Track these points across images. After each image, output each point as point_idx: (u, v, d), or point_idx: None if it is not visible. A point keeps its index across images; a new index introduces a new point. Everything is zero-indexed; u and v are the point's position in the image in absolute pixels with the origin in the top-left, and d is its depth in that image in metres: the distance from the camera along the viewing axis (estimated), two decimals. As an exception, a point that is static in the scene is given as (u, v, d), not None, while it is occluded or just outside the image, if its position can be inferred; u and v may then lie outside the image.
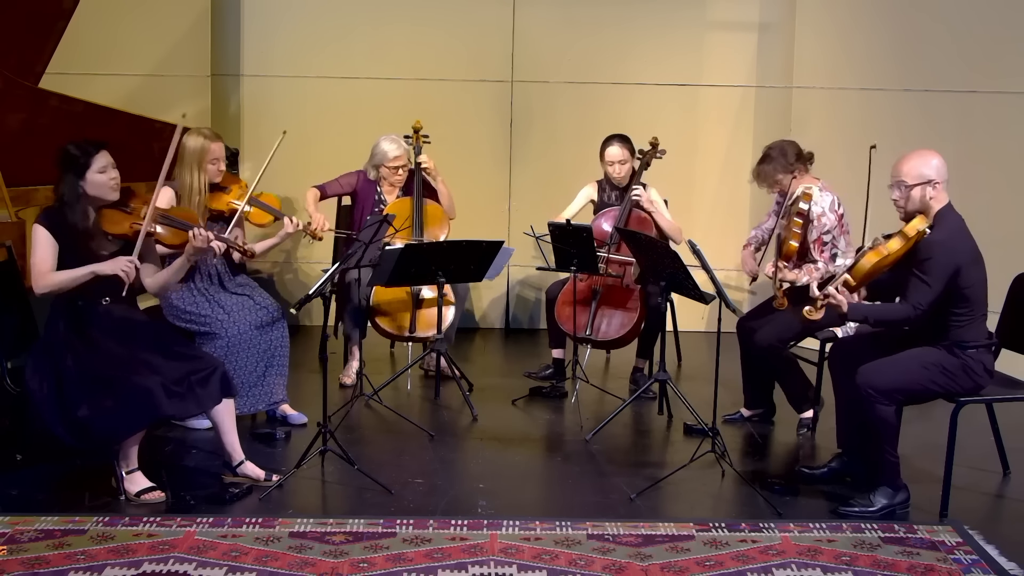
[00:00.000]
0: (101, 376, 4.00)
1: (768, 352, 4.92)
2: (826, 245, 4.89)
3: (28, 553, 3.62)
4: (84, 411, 3.94)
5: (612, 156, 5.64)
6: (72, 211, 4.06)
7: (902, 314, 4.03)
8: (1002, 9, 5.97)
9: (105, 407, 3.94)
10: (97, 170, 4.07)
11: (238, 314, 4.82)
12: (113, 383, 3.97)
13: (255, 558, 3.62)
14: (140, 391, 3.94)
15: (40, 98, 5.14)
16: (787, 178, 4.97)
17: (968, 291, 4.01)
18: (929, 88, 6.19)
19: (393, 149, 5.66)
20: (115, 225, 4.15)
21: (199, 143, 4.81)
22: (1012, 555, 3.72)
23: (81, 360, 4.02)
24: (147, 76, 6.50)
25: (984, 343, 4.10)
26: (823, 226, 4.87)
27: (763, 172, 5.02)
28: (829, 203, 4.89)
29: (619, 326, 5.42)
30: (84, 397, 3.96)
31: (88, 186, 4.07)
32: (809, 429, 5.01)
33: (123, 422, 3.97)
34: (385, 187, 5.74)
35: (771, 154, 5.01)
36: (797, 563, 3.65)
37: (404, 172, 5.71)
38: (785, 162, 4.96)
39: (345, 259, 4.77)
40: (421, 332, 5.53)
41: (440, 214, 5.71)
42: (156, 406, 3.96)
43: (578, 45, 6.88)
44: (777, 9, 6.81)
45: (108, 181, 4.10)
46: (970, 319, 4.05)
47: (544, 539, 3.79)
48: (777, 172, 4.98)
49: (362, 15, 6.84)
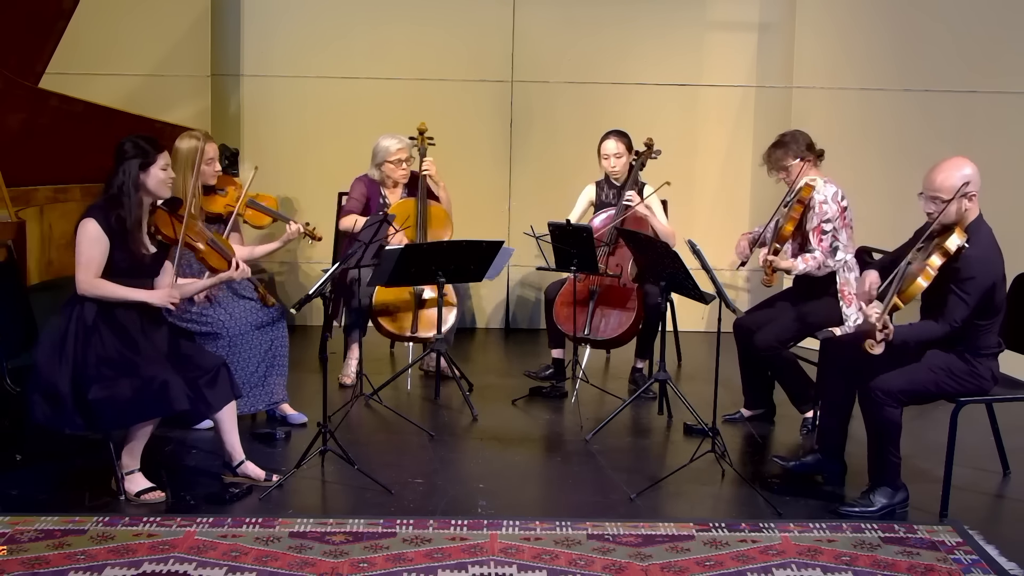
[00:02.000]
0: (122, 361, 4.01)
1: (768, 353, 4.92)
2: (826, 235, 4.87)
3: (28, 553, 3.62)
4: (95, 393, 3.94)
5: (607, 150, 5.66)
6: (130, 201, 4.07)
7: (941, 332, 3.98)
8: (1002, 9, 5.97)
9: (120, 392, 3.95)
10: (161, 167, 4.12)
11: (240, 315, 4.82)
12: (134, 369, 3.99)
13: (255, 558, 3.62)
14: (157, 382, 3.96)
15: (40, 98, 5.13)
16: (795, 165, 4.95)
17: (996, 303, 4.01)
18: (929, 88, 6.20)
19: (394, 143, 5.66)
20: (165, 226, 4.19)
21: (192, 145, 4.79)
22: (1012, 555, 3.72)
23: (105, 344, 4.03)
24: (147, 76, 6.51)
25: (995, 350, 4.11)
26: (824, 214, 4.85)
27: (773, 156, 5.01)
28: (832, 193, 4.88)
29: (616, 325, 5.42)
30: (98, 379, 3.96)
31: (150, 180, 4.10)
32: (811, 428, 5.00)
33: (134, 409, 3.98)
34: (388, 188, 5.73)
35: (784, 139, 5.01)
36: (797, 563, 3.65)
37: (407, 166, 5.70)
38: (796, 148, 4.95)
39: (345, 259, 4.77)
40: (423, 332, 5.53)
41: (444, 216, 5.70)
42: (171, 400, 3.97)
43: (578, 45, 6.89)
44: (777, 9, 6.81)
45: (167, 179, 4.15)
46: (987, 328, 4.05)
47: (544, 539, 3.79)
48: (787, 157, 4.96)
49: (362, 15, 6.85)
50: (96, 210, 4.08)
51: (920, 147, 6.26)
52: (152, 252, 4.18)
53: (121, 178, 4.07)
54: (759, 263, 4.90)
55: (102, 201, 4.11)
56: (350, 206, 5.69)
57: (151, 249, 4.18)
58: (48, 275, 4.78)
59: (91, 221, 4.05)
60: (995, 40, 5.98)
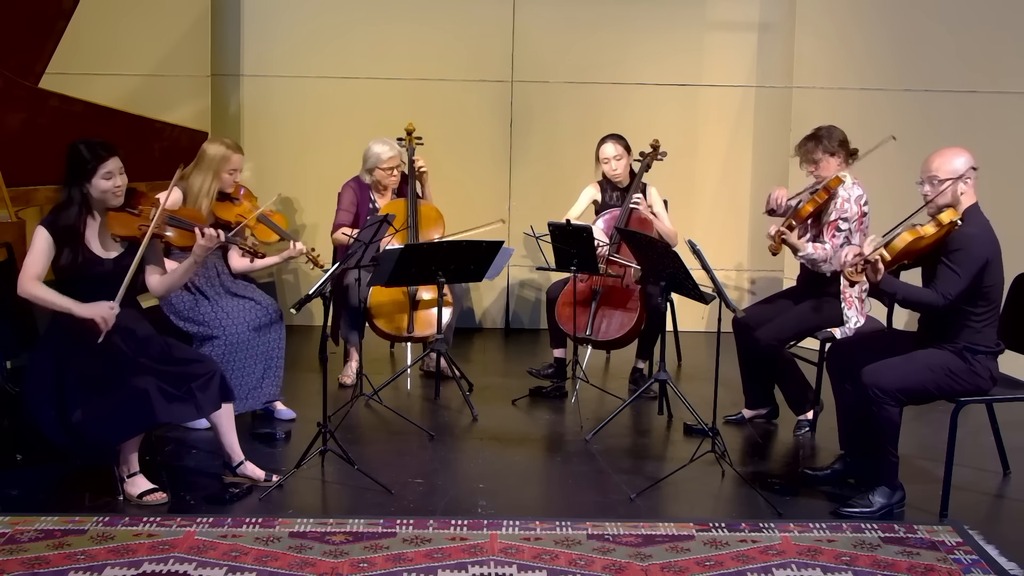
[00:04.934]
0: (99, 377, 3.96)
1: (767, 352, 4.91)
2: (840, 232, 4.86)
3: (28, 553, 3.62)
4: (79, 416, 3.90)
5: (606, 153, 5.66)
6: (68, 213, 4.02)
7: (930, 299, 4.03)
8: (1001, 9, 5.97)
9: (100, 411, 3.89)
10: (102, 176, 4.00)
11: (238, 316, 4.82)
12: (110, 384, 3.93)
13: (255, 558, 3.62)
14: (137, 394, 3.88)
15: (40, 98, 5.13)
16: (825, 161, 4.94)
17: (988, 290, 4.03)
18: (929, 88, 6.20)
19: (386, 151, 5.67)
20: (122, 227, 4.10)
21: (220, 151, 4.83)
22: (1012, 555, 3.72)
23: (83, 363, 3.98)
24: (147, 76, 6.51)
25: (994, 350, 4.11)
26: (843, 211, 4.84)
27: (806, 148, 4.98)
28: (856, 196, 4.87)
29: (619, 326, 5.42)
30: (80, 401, 3.92)
31: (93, 190, 4.02)
32: (808, 430, 5.01)
33: (116, 428, 3.92)
34: (377, 192, 5.74)
35: (819, 133, 4.98)
36: (797, 563, 3.65)
37: (398, 173, 5.71)
38: (829, 143, 4.92)
39: (345, 259, 4.77)
40: (419, 332, 5.53)
41: (435, 214, 5.70)
42: (151, 412, 3.89)
43: (578, 45, 6.89)
44: (777, 9, 6.82)
45: (112, 188, 4.02)
46: (984, 322, 4.06)
47: (544, 539, 3.79)
48: (818, 150, 4.93)
49: (361, 15, 6.85)
50: (50, 217, 4.04)
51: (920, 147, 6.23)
52: (112, 257, 4.09)
53: (69, 185, 4.02)
54: (770, 232, 4.88)
55: (54, 207, 4.07)
56: (341, 219, 5.68)
57: (109, 255, 4.09)
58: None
59: (40, 229, 4.01)
60: (995, 40, 5.98)
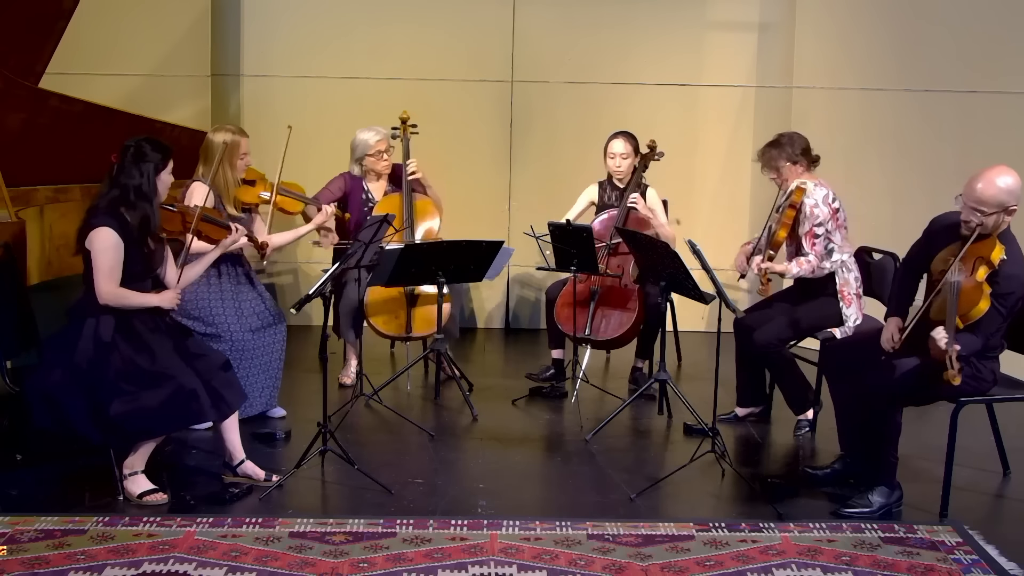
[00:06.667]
0: (141, 373, 3.99)
1: (767, 352, 4.92)
2: (818, 238, 4.86)
3: (28, 553, 3.62)
4: (117, 408, 3.91)
5: (615, 149, 5.66)
6: (144, 204, 4.06)
7: (980, 345, 3.97)
8: (1002, 9, 5.97)
9: (145, 403, 3.93)
10: (169, 170, 4.14)
11: (244, 316, 4.82)
12: (156, 380, 3.97)
13: (255, 558, 3.62)
14: (187, 393, 3.96)
15: (40, 98, 5.12)
16: (787, 168, 4.94)
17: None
18: (929, 88, 6.20)
19: (372, 136, 5.67)
20: (168, 223, 4.19)
21: (229, 138, 4.84)
22: (1012, 555, 3.72)
23: (123, 358, 4.00)
24: (147, 76, 6.51)
25: (997, 351, 4.11)
26: (815, 217, 4.85)
27: (768, 155, 4.99)
28: (823, 196, 4.87)
29: (617, 326, 5.42)
30: (119, 394, 3.93)
31: (161, 183, 4.11)
32: (808, 430, 5.01)
33: (160, 420, 3.98)
34: (371, 182, 5.73)
35: (781, 140, 4.99)
36: (797, 563, 3.65)
37: (388, 157, 5.70)
38: (791, 151, 4.93)
39: (345, 259, 4.77)
40: (418, 332, 5.53)
41: (430, 206, 5.70)
42: (201, 410, 4.00)
43: (578, 45, 6.89)
44: (777, 9, 6.81)
45: (170, 183, 4.18)
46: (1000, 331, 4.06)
47: (544, 539, 3.79)
48: (780, 158, 4.94)
49: (362, 15, 6.85)
50: (106, 217, 4.01)
51: (920, 147, 6.26)
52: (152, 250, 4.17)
53: (138, 179, 4.04)
54: (753, 271, 4.88)
55: (106, 204, 4.04)
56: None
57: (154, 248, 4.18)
58: (48, 275, 4.77)
59: (106, 229, 3.98)
60: (995, 40, 5.98)
